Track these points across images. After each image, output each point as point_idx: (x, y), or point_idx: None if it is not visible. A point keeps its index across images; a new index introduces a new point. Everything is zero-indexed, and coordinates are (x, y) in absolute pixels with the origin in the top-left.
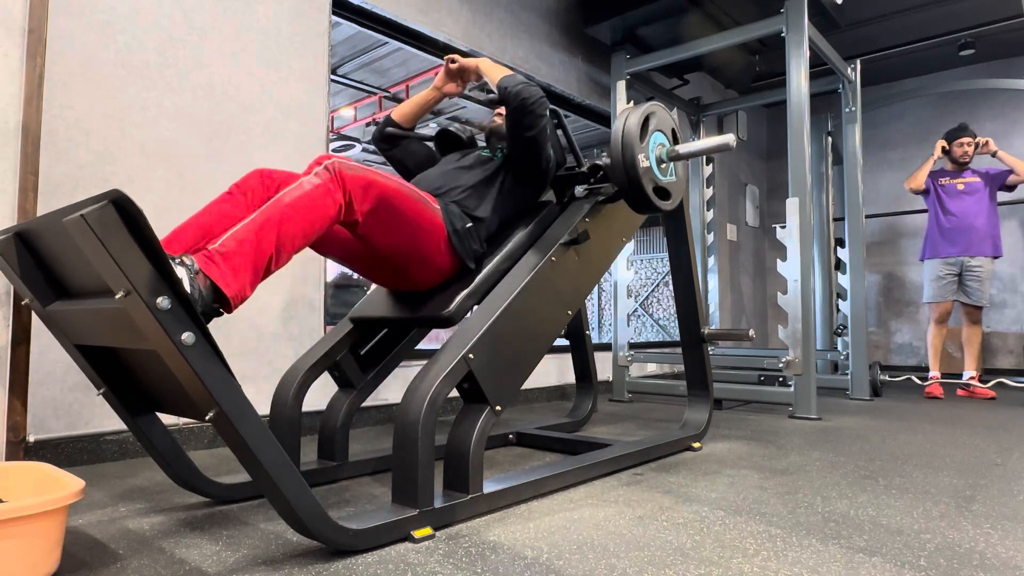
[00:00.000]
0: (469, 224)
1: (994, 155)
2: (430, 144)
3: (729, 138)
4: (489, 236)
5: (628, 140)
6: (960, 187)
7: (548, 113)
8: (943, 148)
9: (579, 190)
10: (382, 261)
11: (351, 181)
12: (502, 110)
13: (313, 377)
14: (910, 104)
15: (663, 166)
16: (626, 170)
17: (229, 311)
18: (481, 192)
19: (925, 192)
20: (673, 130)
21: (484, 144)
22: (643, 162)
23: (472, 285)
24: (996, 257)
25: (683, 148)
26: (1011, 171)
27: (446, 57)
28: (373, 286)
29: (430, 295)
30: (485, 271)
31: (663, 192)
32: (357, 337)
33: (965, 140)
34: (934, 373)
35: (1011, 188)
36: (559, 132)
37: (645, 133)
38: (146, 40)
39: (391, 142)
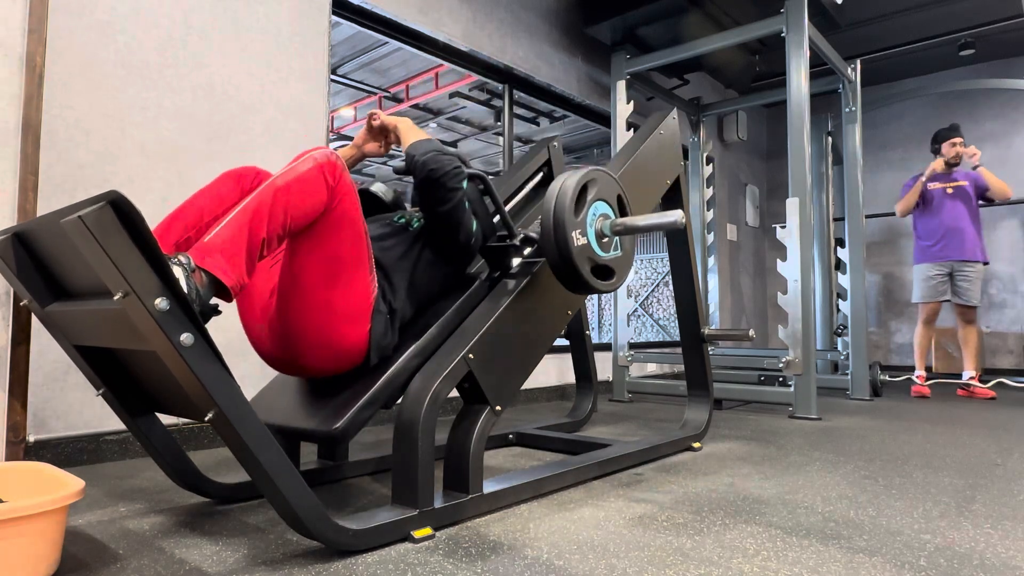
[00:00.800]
0: (388, 314)
1: (975, 168)
2: None
3: (677, 215)
4: (403, 323)
5: (559, 215)
6: (949, 191)
7: (464, 185)
8: (934, 151)
9: (514, 263)
10: (288, 300)
11: (339, 175)
12: None
13: None
14: (910, 104)
15: (605, 240)
16: (558, 249)
17: (230, 300)
18: (395, 273)
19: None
20: (619, 196)
21: (413, 205)
22: (578, 239)
23: (372, 391)
24: (985, 263)
25: (628, 221)
26: (987, 188)
27: (368, 113)
28: (273, 375)
29: (323, 396)
30: (391, 372)
31: (604, 271)
32: None
33: (957, 140)
34: (920, 372)
35: (989, 201)
36: (487, 199)
37: (582, 205)
38: (146, 40)
39: None
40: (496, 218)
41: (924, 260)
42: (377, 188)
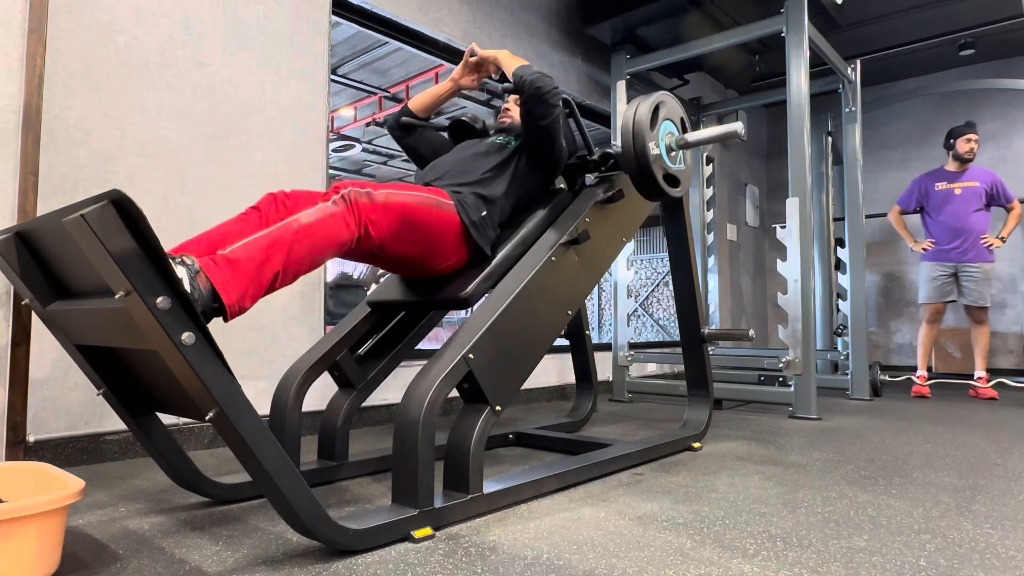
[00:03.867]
0: (484, 212)
1: (989, 248)
2: (443, 134)
3: (737, 126)
4: (503, 221)
5: (639, 128)
6: (957, 191)
7: (561, 103)
8: (947, 147)
9: (590, 178)
10: (401, 261)
11: (367, 211)
12: (509, 108)
13: (313, 377)
14: (910, 104)
15: (672, 154)
16: (636, 157)
17: (226, 320)
18: (495, 177)
19: (918, 208)
20: (682, 119)
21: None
22: (653, 149)
23: (488, 269)
24: (991, 262)
25: (692, 136)
26: (1008, 199)
27: (468, 48)
28: (385, 276)
29: (447, 280)
30: (499, 256)
31: (673, 179)
32: (375, 322)
33: (972, 136)
34: (921, 372)
35: (992, 203)
36: (571, 121)
37: (655, 121)
38: (146, 40)
39: (406, 131)
40: (578, 138)
41: (929, 259)
42: (468, 118)
